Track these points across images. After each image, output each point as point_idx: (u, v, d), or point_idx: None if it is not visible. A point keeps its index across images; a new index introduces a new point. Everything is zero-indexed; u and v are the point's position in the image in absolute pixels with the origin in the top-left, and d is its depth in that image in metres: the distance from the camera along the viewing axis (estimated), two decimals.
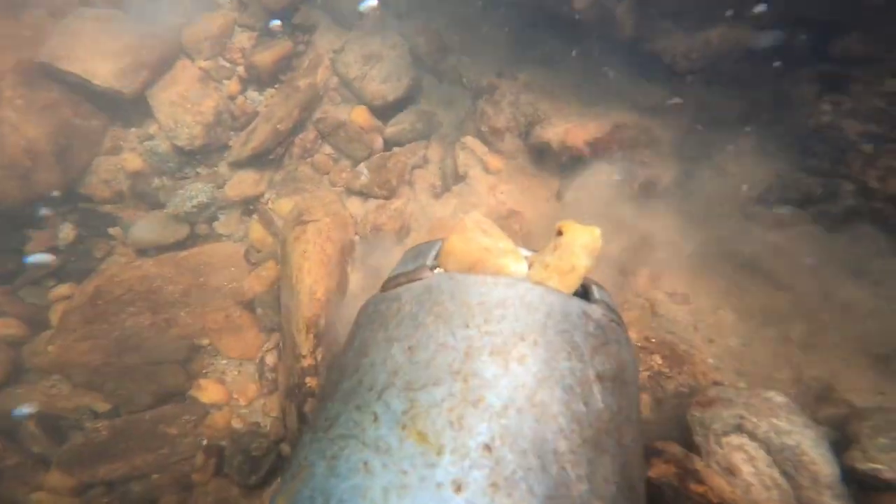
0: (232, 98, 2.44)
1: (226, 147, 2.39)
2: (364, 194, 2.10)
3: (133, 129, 2.36)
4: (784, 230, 1.61)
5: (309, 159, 2.34)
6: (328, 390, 0.91)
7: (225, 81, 2.45)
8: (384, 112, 2.35)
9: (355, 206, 2.11)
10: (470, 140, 1.96)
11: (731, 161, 1.75)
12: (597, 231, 0.82)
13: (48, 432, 1.91)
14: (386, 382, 0.77)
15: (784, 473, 1.04)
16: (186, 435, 1.89)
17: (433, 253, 0.95)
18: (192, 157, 2.35)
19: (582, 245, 0.80)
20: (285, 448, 1.73)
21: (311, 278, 1.74)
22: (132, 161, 2.31)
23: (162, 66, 2.33)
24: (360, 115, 2.34)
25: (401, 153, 2.19)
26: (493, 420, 0.66)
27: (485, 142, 1.97)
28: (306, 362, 1.64)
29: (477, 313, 0.76)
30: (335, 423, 0.80)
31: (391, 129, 2.30)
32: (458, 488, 0.62)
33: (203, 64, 2.41)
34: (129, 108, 2.32)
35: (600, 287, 0.87)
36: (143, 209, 2.27)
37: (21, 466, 1.89)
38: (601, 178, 1.75)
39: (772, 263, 1.56)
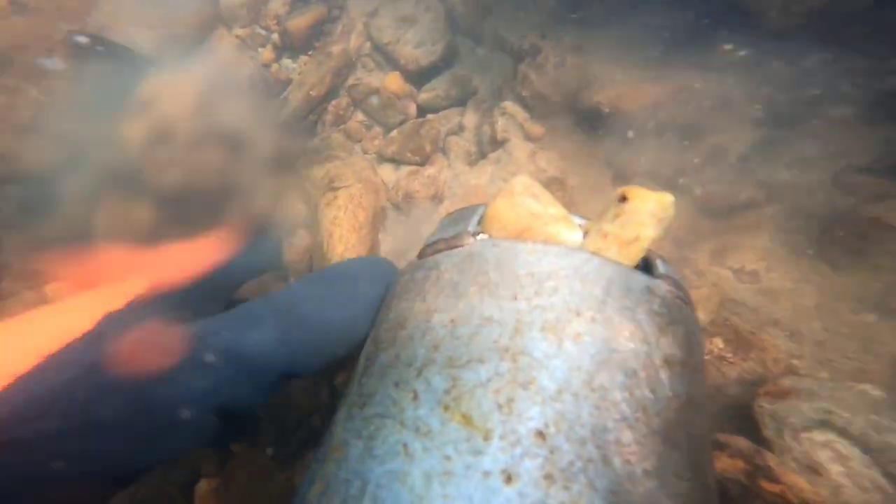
0: (266, 66, 2.39)
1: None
2: (396, 161, 2.03)
3: None
4: (885, 203, 1.44)
5: (342, 127, 2.28)
6: (362, 364, 0.85)
7: (260, 49, 2.40)
8: (418, 78, 2.26)
9: (387, 173, 2.04)
10: (510, 105, 1.86)
11: (826, 128, 1.56)
12: (669, 198, 0.72)
13: None
14: (426, 358, 0.71)
15: (887, 475, 0.94)
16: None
17: (475, 218, 0.88)
18: None
19: (650, 213, 0.71)
20: (316, 420, 1.70)
21: (342, 245, 1.69)
22: None
23: (200, 35, 2.28)
24: (393, 82, 2.26)
25: (435, 120, 2.11)
26: (547, 404, 0.59)
27: (525, 107, 1.86)
28: None
29: (526, 284, 0.69)
30: (371, 400, 0.74)
31: (425, 96, 2.21)
32: (509, 478, 0.56)
33: (239, 32, 2.36)
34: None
35: (665, 261, 0.78)
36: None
37: None
38: (659, 144, 1.62)
39: (867, 241, 1.40)
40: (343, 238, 1.70)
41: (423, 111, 2.24)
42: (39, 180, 1.73)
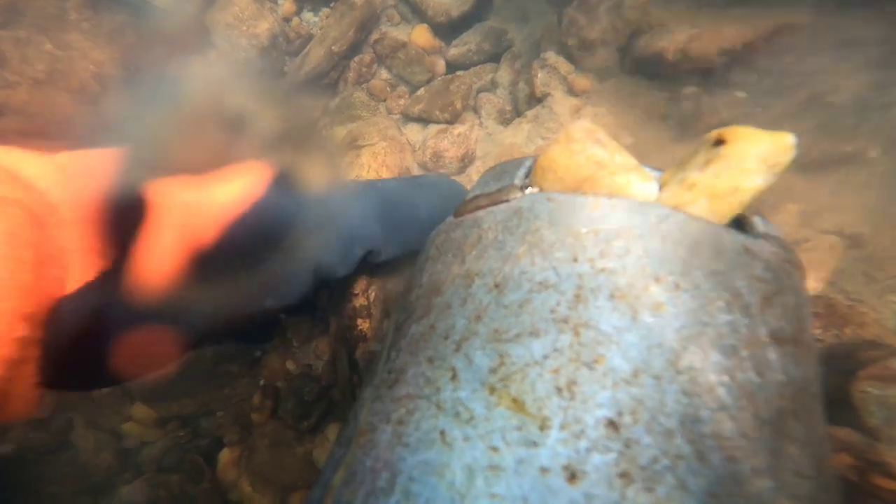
0: (287, 20, 2.28)
1: (281, 74, 2.25)
2: (424, 119, 1.90)
3: (194, 57, 2.22)
4: None
5: (365, 85, 2.16)
6: (391, 336, 0.76)
7: (280, 1, 2.28)
8: (447, 31, 2.11)
9: (414, 132, 1.92)
10: (552, 57, 1.70)
11: None
12: (787, 139, 0.58)
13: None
14: (466, 330, 0.61)
15: None
16: (244, 375, 1.83)
17: (522, 171, 0.77)
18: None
19: (759, 158, 0.58)
20: (336, 394, 1.63)
21: None
22: None
23: None
24: (420, 36, 2.12)
25: (465, 76, 1.97)
26: (620, 388, 0.48)
27: (570, 58, 1.69)
28: (358, 301, 1.50)
29: (589, 244, 0.58)
30: (402, 378, 0.65)
31: (454, 51, 2.07)
32: (573, 476, 0.45)
33: None
34: (190, 33, 2.18)
35: (763, 218, 0.65)
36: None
37: (112, 396, 1.92)
38: (741, 94, 1.43)
39: None
40: None
41: (452, 68, 2.10)
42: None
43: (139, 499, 1.84)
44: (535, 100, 1.71)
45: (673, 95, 1.51)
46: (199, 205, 0.86)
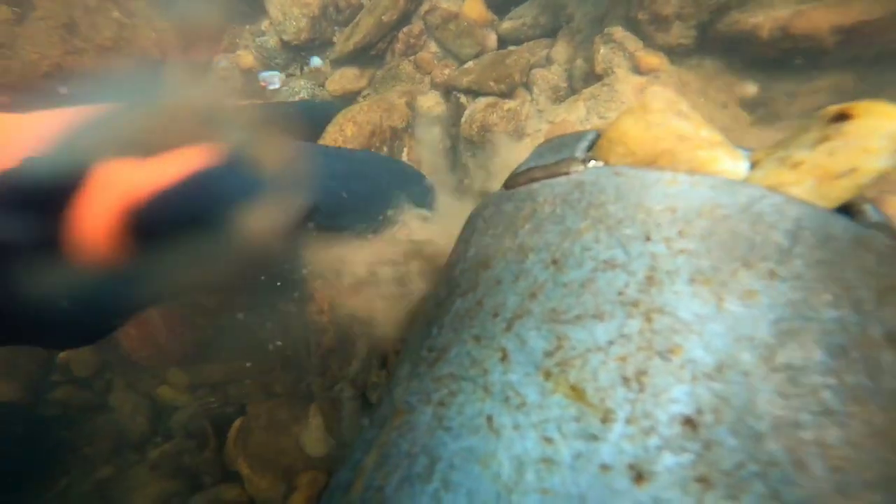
0: None
1: (330, 44, 2.26)
2: (473, 91, 1.83)
3: (247, 26, 2.28)
4: None
5: (412, 57, 2.11)
6: (431, 310, 0.71)
7: None
8: (502, 3, 2.04)
9: (457, 105, 1.86)
10: (618, 32, 1.60)
11: None
12: None
13: (169, 326, 1.96)
14: (519, 308, 0.55)
15: None
16: (269, 343, 1.84)
17: (583, 144, 0.70)
18: (298, 53, 2.25)
19: (891, 136, 0.50)
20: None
21: None
22: (245, 58, 2.26)
23: None
24: (473, 7, 2.05)
25: (520, 51, 1.89)
26: (700, 383, 0.42)
27: (640, 34, 1.59)
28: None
29: (664, 222, 0.51)
30: (444, 356, 0.60)
31: (508, 24, 1.99)
32: (639, 477, 0.40)
33: None
34: (244, 2, 2.23)
35: (875, 206, 0.58)
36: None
37: (153, 359, 1.98)
38: (846, 77, 1.30)
39: None
40: None
41: (504, 42, 2.03)
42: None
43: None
44: (595, 77, 1.62)
45: (760, 77, 1.40)
46: (138, 176, 0.90)
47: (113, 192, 0.87)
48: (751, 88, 1.40)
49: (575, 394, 0.46)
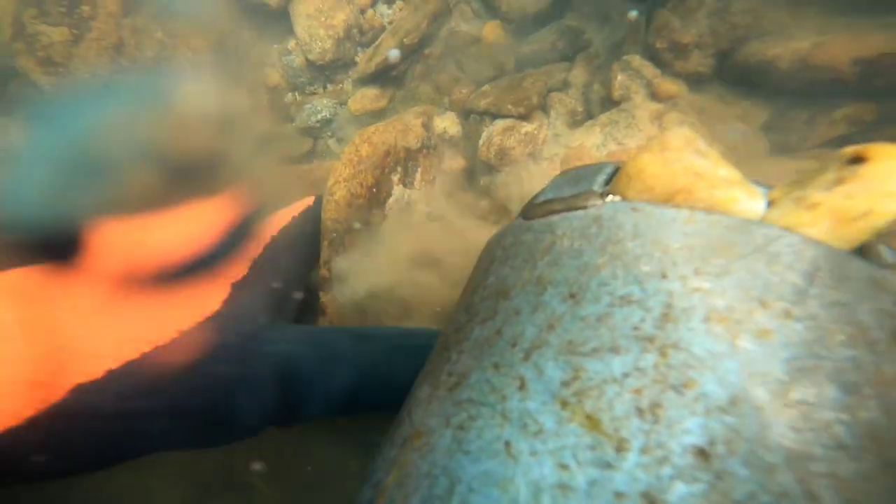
0: (362, 11, 2.30)
1: (353, 64, 2.30)
2: (490, 114, 1.86)
3: (275, 46, 2.35)
4: None
5: (432, 77, 2.15)
6: (451, 335, 0.73)
7: None
8: (521, 28, 2.08)
9: (474, 127, 1.89)
10: (635, 59, 1.63)
11: None
12: None
13: None
14: (537, 339, 0.58)
15: None
16: None
17: (601, 178, 0.72)
18: (322, 73, 2.30)
19: None
20: None
21: (333, 178, 1.61)
22: (272, 76, 2.32)
23: None
24: (492, 31, 2.09)
25: (537, 74, 1.93)
26: (713, 416, 0.44)
27: (657, 62, 1.62)
28: (320, 272, 1.51)
29: (680, 261, 0.53)
30: (464, 381, 0.62)
31: (527, 48, 2.03)
32: None
33: None
34: (274, 23, 2.29)
35: (890, 247, 0.59)
36: (276, 123, 2.31)
37: None
38: (866, 108, 1.30)
39: None
40: (337, 171, 1.61)
41: (521, 65, 2.06)
42: None
43: None
44: (612, 103, 1.65)
45: (778, 107, 1.41)
46: (138, 245, 0.85)
47: (109, 266, 0.85)
48: (768, 116, 1.42)
49: (591, 423, 0.48)
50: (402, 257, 1.49)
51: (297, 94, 2.32)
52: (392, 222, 1.63)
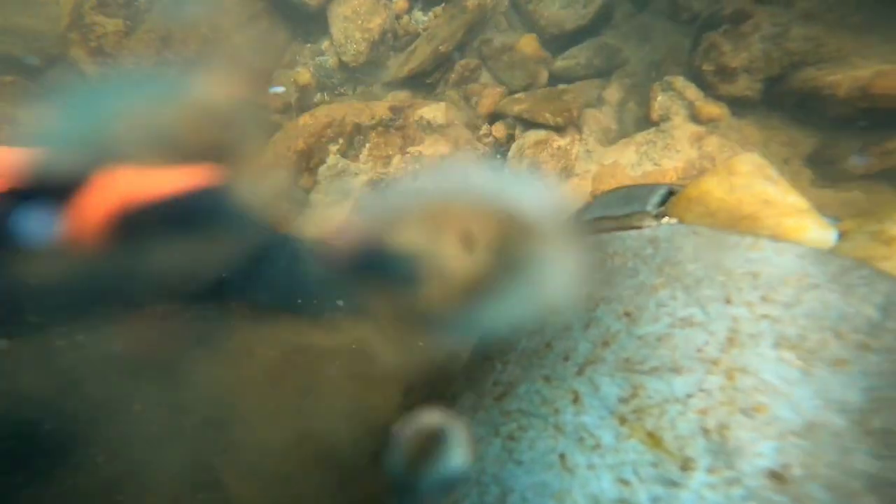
0: (398, 17, 2.33)
1: (383, 68, 2.32)
2: (523, 120, 1.86)
3: (308, 45, 2.37)
4: None
5: (464, 87, 2.16)
6: (491, 342, 0.74)
7: None
8: (556, 43, 2.09)
9: (501, 131, 1.90)
10: (679, 81, 1.63)
11: None
12: None
13: None
14: (591, 354, 0.58)
15: None
16: None
17: (654, 199, 0.73)
18: (353, 75, 2.31)
19: None
20: None
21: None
22: (303, 75, 2.32)
23: None
24: (527, 44, 2.10)
25: (573, 89, 1.93)
26: (787, 440, 0.44)
27: (701, 83, 1.61)
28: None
29: (745, 287, 0.54)
30: (511, 391, 0.63)
31: (561, 64, 2.04)
32: None
33: None
34: (310, 22, 2.32)
35: None
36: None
37: None
38: None
39: None
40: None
41: (554, 80, 2.07)
42: None
43: None
44: (650, 123, 1.65)
45: (827, 135, 1.39)
46: (137, 181, 0.99)
47: (110, 194, 0.97)
48: (814, 145, 1.40)
49: (652, 440, 0.49)
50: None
51: (325, 94, 2.34)
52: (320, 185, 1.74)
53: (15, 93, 1.97)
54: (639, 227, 0.68)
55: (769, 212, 0.58)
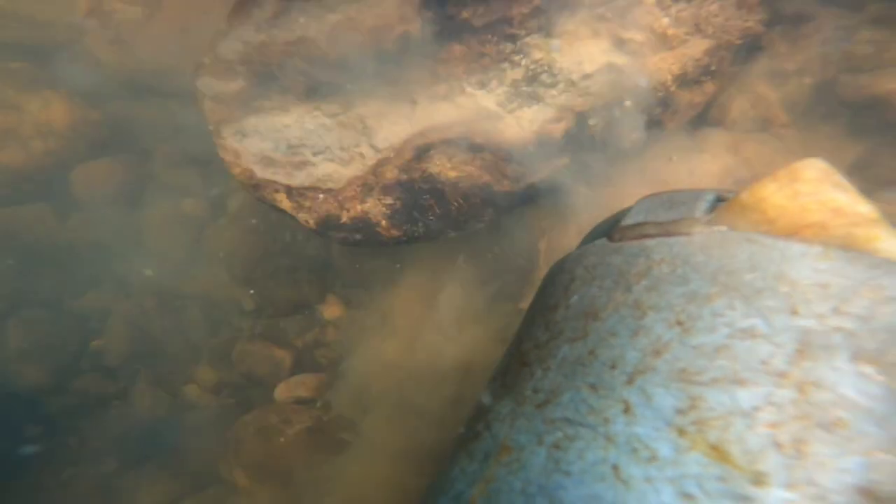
0: None
1: None
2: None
3: None
4: None
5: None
6: (530, 351, 0.71)
7: None
8: None
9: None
10: None
11: None
12: None
13: (206, 320, 2.02)
14: (641, 364, 0.56)
15: None
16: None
17: (702, 204, 0.71)
18: None
19: None
20: None
21: None
22: None
23: None
24: None
25: None
26: (876, 456, 0.42)
27: None
28: None
29: (814, 298, 0.52)
30: (555, 399, 0.60)
31: None
32: None
33: None
34: None
35: None
36: None
37: (179, 354, 2.04)
38: None
39: None
40: None
41: None
42: None
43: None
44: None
45: (874, 144, 1.34)
46: None
47: None
48: (860, 154, 1.34)
49: (717, 454, 0.46)
50: None
51: None
52: None
53: (22, 79, 1.95)
54: (687, 234, 0.66)
55: (839, 221, 0.56)
